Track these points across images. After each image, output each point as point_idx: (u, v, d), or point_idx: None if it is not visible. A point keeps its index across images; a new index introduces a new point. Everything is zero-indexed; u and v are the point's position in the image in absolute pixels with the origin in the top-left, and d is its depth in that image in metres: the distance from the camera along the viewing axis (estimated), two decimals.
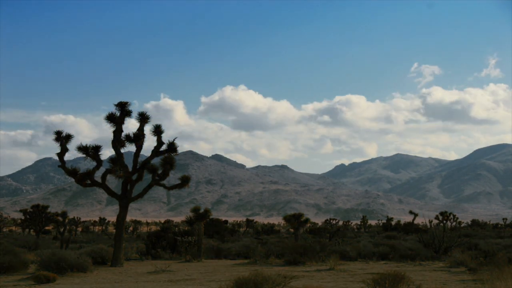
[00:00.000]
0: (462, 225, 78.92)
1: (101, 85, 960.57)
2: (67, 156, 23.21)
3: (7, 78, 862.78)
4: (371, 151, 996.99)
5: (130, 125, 24.17)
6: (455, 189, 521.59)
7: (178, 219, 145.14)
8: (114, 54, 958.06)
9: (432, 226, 65.56)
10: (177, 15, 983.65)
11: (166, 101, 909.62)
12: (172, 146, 23.30)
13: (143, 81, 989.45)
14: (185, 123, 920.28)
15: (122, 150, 22.87)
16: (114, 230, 43.77)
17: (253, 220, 78.34)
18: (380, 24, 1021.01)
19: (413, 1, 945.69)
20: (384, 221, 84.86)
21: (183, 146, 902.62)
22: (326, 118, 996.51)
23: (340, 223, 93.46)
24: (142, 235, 52.79)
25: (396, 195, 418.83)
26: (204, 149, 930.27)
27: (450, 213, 64.01)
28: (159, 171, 23.36)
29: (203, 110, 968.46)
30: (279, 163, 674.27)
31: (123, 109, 22.55)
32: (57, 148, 22.76)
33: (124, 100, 22.69)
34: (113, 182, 26.11)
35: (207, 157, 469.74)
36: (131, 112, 22.71)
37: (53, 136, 22.68)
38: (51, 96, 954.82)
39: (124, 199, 23.15)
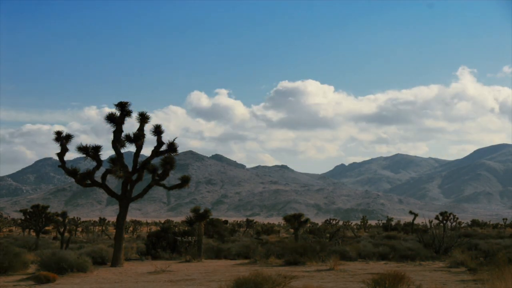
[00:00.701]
0: (462, 225, 78.88)
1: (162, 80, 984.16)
2: (67, 156, 23.22)
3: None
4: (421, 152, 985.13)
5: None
6: (455, 189, 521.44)
7: (178, 219, 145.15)
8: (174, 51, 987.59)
9: (432, 226, 65.54)
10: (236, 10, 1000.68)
11: (226, 99, 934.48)
12: (172, 146, 23.29)
13: (203, 76, 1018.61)
14: (244, 119, 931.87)
15: (122, 150, 22.87)
16: (114, 230, 43.75)
17: (253, 220, 78.36)
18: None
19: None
20: (384, 221, 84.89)
21: (231, 147, 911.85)
22: (385, 113, 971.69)
23: (340, 223, 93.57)
24: (142, 235, 52.81)
25: (396, 195, 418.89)
26: (255, 148, 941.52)
27: (450, 213, 63.97)
28: (159, 171, 23.36)
29: (261, 107, 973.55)
30: (279, 163, 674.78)
31: (123, 109, 22.55)
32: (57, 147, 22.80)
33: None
34: (113, 182, 26.11)
35: (207, 157, 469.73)
36: (131, 112, 22.72)
37: (53, 136, 22.71)
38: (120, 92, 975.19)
39: (124, 199, 23.14)
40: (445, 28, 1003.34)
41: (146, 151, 24.27)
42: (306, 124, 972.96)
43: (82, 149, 22.36)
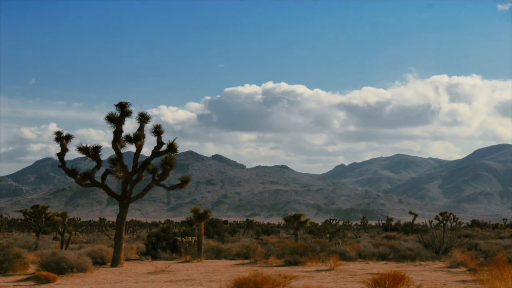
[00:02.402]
0: (462, 225, 78.88)
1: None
2: (67, 156, 23.25)
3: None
4: None
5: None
6: (455, 190, 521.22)
7: (178, 219, 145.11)
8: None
9: (432, 226, 65.55)
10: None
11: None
12: (172, 147, 23.30)
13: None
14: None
15: (122, 150, 22.87)
16: (113, 231, 43.70)
17: (252, 220, 78.37)
18: None
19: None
20: (384, 221, 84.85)
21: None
22: None
23: (340, 223, 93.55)
24: (142, 235, 52.83)
25: (396, 196, 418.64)
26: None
27: (450, 214, 63.94)
28: (159, 172, 23.37)
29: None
30: (279, 163, 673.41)
31: (123, 109, 22.55)
32: (57, 148, 22.82)
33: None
34: (113, 182, 26.13)
35: (207, 157, 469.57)
36: (131, 112, 22.74)
37: (54, 136, 22.74)
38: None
39: (124, 199, 23.16)
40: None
41: (146, 151, 24.31)
42: None
43: (82, 149, 22.39)
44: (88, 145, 22.58)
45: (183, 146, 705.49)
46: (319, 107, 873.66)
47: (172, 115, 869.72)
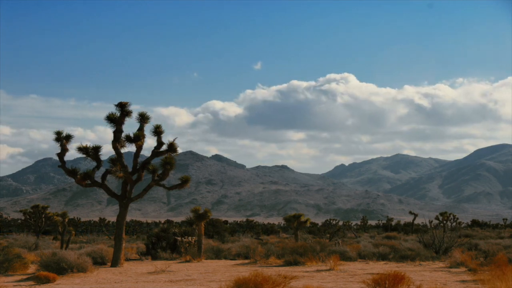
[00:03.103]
0: (462, 225, 78.85)
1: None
2: (67, 156, 23.25)
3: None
4: None
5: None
6: (455, 190, 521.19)
7: (178, 219, 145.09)
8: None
9: (432, 226, 65.55)
10: None
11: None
12: (172, 147, 23.31)
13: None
14: None
15: (123, 150, 22.87)
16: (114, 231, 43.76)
17: (252, 220, 78.39)
18: None
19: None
20: (384, 221, 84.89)
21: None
22: None
23: (340, 223, 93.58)
24: (142, 235, 52.85)
25: (396, 196, 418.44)
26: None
27: (450, 214, 63.95)
28: (159, 172, 23.37)
29: None
30: (279, 163, 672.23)
31: (123, 109, 22.55)
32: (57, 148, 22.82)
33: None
34: (113, 182, 26.12)
35: (207, 157, 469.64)
36: (131, 112, 22.74)
37: (54, 136, 22.74)
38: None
39: (124, 199, 23.16)
40: None
41: (147, 151, 24.30)
42: None
43: (82, 149, 22.38)
44: (88, 145, 22.61)
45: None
46: (380, 104, 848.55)
47: (230, 109, 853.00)
